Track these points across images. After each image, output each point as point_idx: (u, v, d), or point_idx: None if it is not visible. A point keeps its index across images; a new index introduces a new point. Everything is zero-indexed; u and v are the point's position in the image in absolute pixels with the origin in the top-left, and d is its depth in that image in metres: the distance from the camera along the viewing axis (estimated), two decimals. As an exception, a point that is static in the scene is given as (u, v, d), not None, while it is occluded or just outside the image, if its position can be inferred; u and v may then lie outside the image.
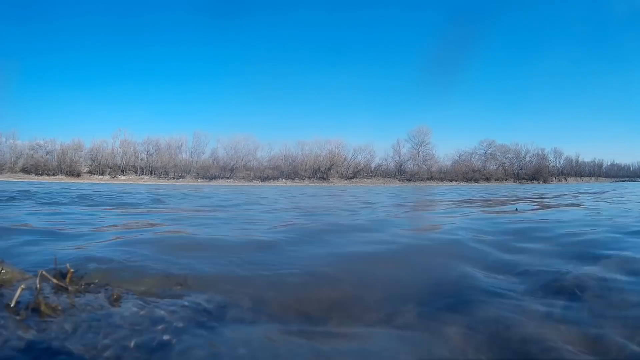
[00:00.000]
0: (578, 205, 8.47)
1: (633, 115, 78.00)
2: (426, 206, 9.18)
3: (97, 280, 1.90)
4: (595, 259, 2.61)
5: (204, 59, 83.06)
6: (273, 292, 1.90)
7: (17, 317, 1.44)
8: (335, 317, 1.66)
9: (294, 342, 1.42)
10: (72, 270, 1.87)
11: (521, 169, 65.57)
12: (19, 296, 1.54)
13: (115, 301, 1.67)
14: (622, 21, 71.52)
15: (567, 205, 8.57)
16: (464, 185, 51.55)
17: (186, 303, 1.71)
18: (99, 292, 1.75)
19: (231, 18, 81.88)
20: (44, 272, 1.79)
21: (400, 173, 62.26)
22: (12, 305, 1.50)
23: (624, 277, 2.16)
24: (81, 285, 1.81)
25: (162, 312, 1.58)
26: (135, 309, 1.59)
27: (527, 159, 66.65)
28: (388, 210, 7.20)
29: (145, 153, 58.45)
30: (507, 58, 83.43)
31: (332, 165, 60.25)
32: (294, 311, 1.73)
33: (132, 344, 1.32)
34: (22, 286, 1.62)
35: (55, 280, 1.78)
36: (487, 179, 61.79)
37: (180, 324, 1.50)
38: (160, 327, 1.46)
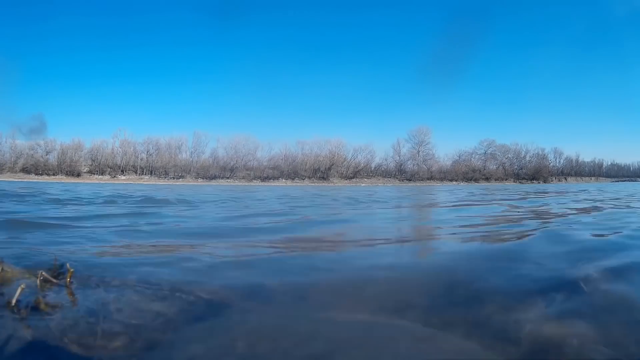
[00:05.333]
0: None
1: (633, 115, 78.07)
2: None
3: (97, 278, 1.92)
4: None
5: (204, 58, 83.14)
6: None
7: (17, 316, 1.46)
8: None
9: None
10: (71, 269, 1.89)
11: (521, 168, 65.59)
12: (19, 295, 1.56)
13: (114, 297, 1.69)
14: (622, 20, 71.58)
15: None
16: (463, 184, 51.53)
17: (186, 297, 1.73)
18: (99, 289, 1.77)
19: (231, 18, 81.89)
20: (43, 272, 1.81)
21: (400, 173, 62.30)
22: (12, 304, 1.53)
23: None
24: (81, 283, 1.83)
25: (161, 307, 1.60)
26: (133, 304, 1.61)
27: (527, 158, 66.69)
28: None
29: (145, 153, 58.53)
30: (507, 57, 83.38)
31: (332, 165, 60.27)
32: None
33: (130, 339, 1.34)
34: (22, 285, 1.64)
35: (55, 280, 1.80)
36: (487, 179, 61.83)
37: (180, 318, 1.52)
38: (158, 321, 1.48)
